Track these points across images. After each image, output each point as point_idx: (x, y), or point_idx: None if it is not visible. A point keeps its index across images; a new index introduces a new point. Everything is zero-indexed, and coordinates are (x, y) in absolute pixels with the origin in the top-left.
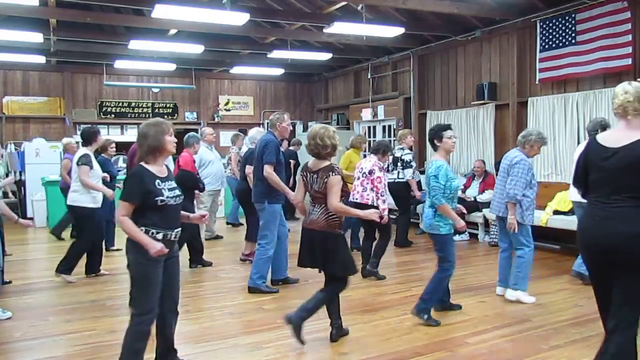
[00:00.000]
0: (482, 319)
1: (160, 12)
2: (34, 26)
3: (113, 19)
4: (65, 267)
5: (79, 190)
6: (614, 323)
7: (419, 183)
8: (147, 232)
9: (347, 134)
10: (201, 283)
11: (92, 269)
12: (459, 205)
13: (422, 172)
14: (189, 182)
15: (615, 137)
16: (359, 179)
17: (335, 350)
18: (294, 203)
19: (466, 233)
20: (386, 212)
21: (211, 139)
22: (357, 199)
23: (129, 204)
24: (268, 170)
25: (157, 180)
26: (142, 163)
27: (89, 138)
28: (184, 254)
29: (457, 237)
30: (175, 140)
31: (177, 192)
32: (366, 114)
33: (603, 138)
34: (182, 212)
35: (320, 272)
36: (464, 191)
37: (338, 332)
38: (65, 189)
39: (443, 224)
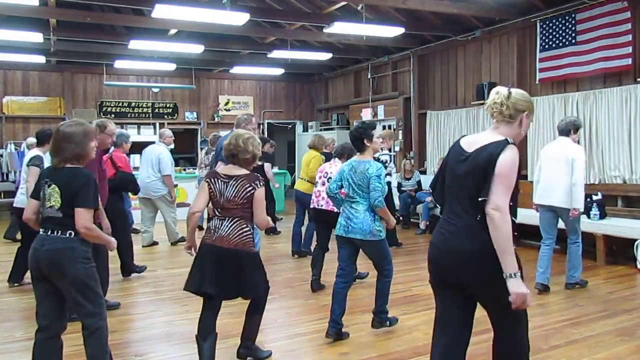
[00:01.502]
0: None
1: (160, 12)
2: (34, 26)
3: (113, 19)
4: (17, 276)
5: (26, 192)
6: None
7: (419, 183)
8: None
9: (348, 134)
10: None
11: (17, 277)
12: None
13: (423, 172)
14: (130, 185)
15: (475, 140)
16: (324, 184)
17: (335, 350)
18: (191, 212)
19: None
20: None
21: (171, 141)
22: (322, 205)
23: (92, 209)
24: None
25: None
26: (72, 165)
27: (43, 140)
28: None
29: None
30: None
31: None
32: (366, 114)
33: (465, 140)
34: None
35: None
36: None
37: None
38: None
39: (382, 228)
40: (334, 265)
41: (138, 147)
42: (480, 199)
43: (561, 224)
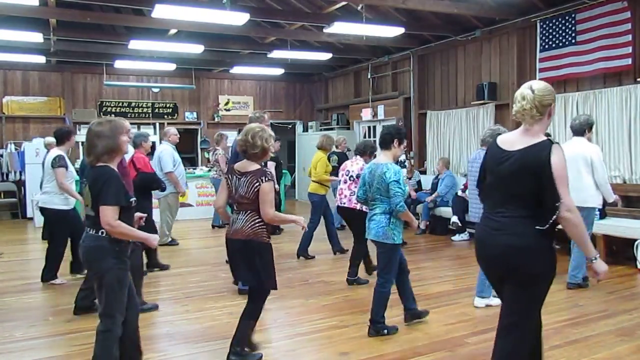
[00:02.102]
0: (482, 319)
1: (160, 12)
2: (34, 26)
3: (113, 19)
4: (48, 274)
5: (50, 192)
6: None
7: (419, 183)
8: None
9: (348, 134)
10: (201, 283)
11: (79, 268)
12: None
13: (423, 172)
14: (153, 184)
15: (513, 140)
16: (345, 182)
17: (335, 350)
18: (215, 208)
19: (466, 233)
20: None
21: (175, 139)
22: (344, 203)
23: (118, 207)
24: None
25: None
26: (102, 163)
27: (62, 138)
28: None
29: (457, 237)
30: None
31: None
32: (366, 113)
33: (502, 140)
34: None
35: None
36: (463, 191)
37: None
38: None
39: (397, 232)
40: (339, 264)
41: None
42: (556, 204)
43: None
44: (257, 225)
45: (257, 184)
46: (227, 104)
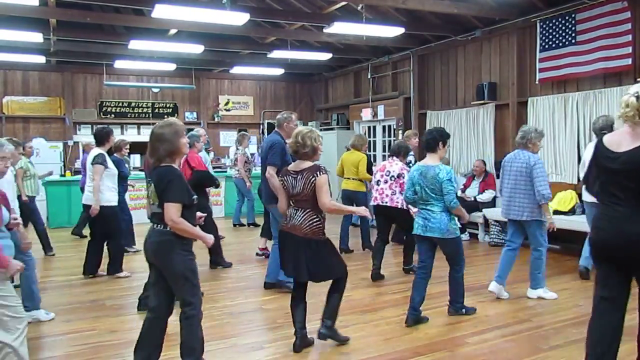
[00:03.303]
0: (482, 319)
1: (160, 12)
2: (34, 26)
3: (113, 19)
4: (114, 267)
5: (93, 190)
6: None
7: None
8: None
9: (348, 134)
10: (201, 283)
11: (92, 269)
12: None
13: None
14: (208, 181)
15: (619, 140)
16: (386, 182)
17: (336, 350)
18: (281, 213)
19: (466, 233)
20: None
21: (205, 140)
22: (386, 202)
23: (181, 204)
24: (270, 172)
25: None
26: (165, 164)
27: (102, 138)
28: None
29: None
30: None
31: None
32: (366, 114)
33: (608, 141)
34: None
35: (303, 281)
36: (463, 191)
37: (302, 342)
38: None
39: (455, 226)
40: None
41: (138, 148)
42: None
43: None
44: (314, 224)
45: (313, 178)
46: (227, 104)
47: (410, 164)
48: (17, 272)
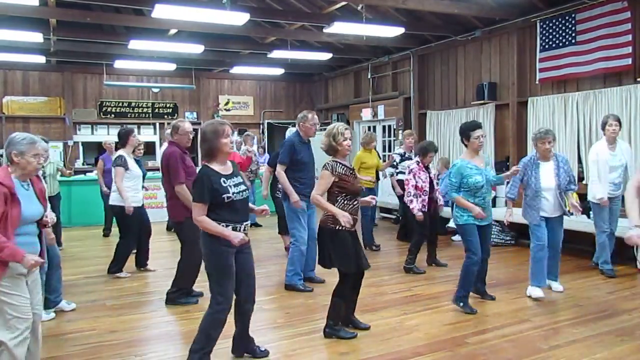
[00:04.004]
0: (482, 319)
1: (160, 12)
2: (34, 26)
3: (113, 19)
4: (114, 267)
5: (118, 191)
6: None
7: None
8: None
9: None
10: (201, 283)
11: (140, 262)
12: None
13: None
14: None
15: None
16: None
17: (335, 350)
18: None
19: None
20: (415, 211)
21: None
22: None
23: (202, 204)
24: (278, 169)
25: (223, 179)
26: (206, 163)
27: (121, 139)
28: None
29: (456, 237)
30: (232, 141)
31: (243, 187)
32: (366, 113)
33: None
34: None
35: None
36: None
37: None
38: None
39: (460, 215)
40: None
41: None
42: None
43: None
44: (325, 212)
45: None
46: (227, 104)
47: (395, 163)
48: (34, 267)
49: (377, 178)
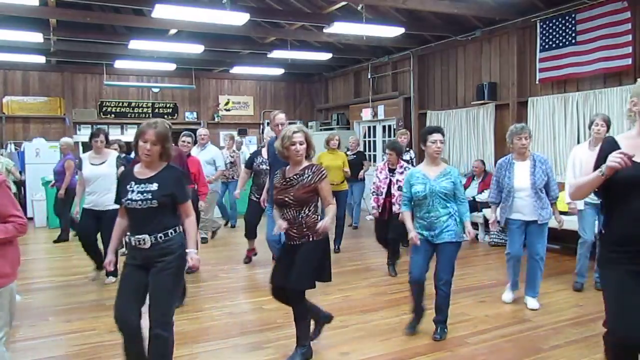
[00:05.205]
0: (482, 319)
1: (160, 12)
2: (34, 26)
3: (113, 19)
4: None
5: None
6: None
7: None
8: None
9: (348, 134)
10: (201, 283)
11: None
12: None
13: None
14: None
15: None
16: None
17: (335, 350)
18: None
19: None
20: (369, 208)
21: (207, 139)
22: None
23: (119, 205)
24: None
25: (132, 182)
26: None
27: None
28: None
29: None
30: (148, 147)
31: (149, 196)
32: (366, 114)
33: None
34: None
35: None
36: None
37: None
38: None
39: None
40: (338, 265)
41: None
42: None
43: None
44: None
45: None
46: (227, 104)
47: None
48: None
49: (356, 179)
